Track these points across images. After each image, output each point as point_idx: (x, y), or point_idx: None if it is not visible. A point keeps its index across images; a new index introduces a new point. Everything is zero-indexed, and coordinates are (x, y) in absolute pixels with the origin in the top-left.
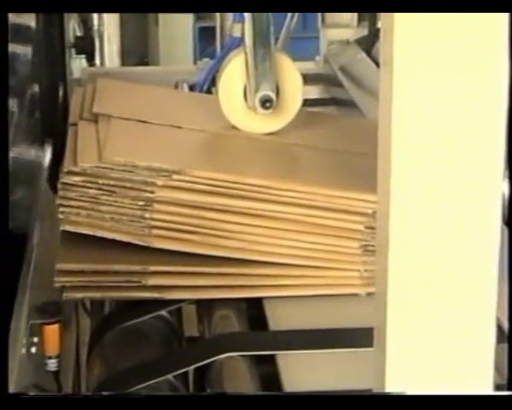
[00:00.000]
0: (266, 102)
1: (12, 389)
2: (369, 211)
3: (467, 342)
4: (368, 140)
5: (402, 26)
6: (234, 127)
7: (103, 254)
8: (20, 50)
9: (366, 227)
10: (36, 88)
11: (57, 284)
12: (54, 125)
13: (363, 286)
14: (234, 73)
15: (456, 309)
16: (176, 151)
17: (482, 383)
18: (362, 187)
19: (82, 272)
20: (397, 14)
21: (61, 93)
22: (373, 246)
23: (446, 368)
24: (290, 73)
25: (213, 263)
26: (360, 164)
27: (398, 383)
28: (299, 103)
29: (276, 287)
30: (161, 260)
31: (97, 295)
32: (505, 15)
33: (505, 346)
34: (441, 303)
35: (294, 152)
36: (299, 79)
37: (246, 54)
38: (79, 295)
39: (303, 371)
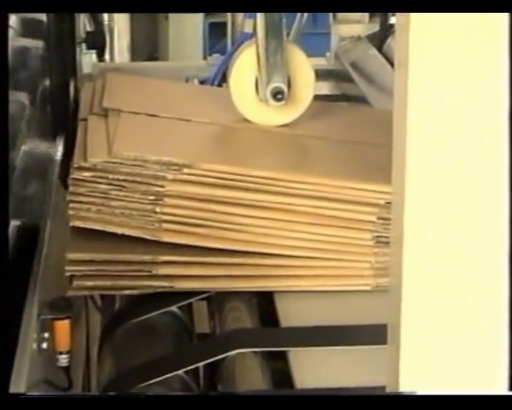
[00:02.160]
0: (278, 94)
1: (23, 384)
2: (381, 202)
3: (481, 339)
4: (379, 130)
5: (417, 28)
6: (245, 120)
7: (113, 245)
8: (32, 45)
9: (378, 218)
10: (47, 83)
11: (67, 274)
12: (65, 121)
13: (375, 277)
14: (245, 64)
15: (472, 303)
16: (186, 145)
17: (497, 381)
18: (373, 178)
19: (92, 262)
20: (412, 16)
21: (71, 88)
22: (385, 237)
23: (461, 366)
24: (302, 65)
25: (224, 254)
26: (371, 154)
27: (411, 380)
28: (310, 95)
29: (286, 277)
30: (172, 251)
31: (107, 283)
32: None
33: None
34: (457, 298)
35: (306, 144)
36: (311, 71)
37: (257, 46)
38: (89, 283)
39: (314, 368)
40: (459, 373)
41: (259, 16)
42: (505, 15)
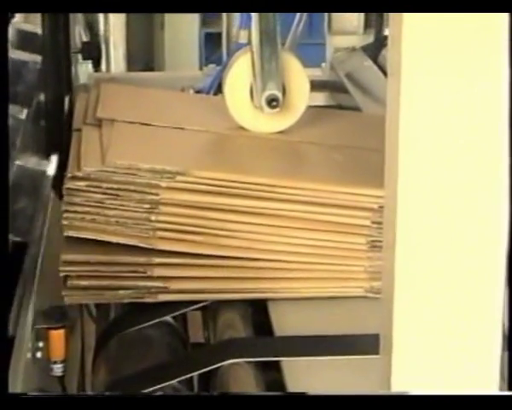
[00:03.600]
0: (272, 102)
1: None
2: (375, 206)
3: (475, 346)
4: (372, 135)
5: (409, 36)
6: (240, 127)
7: (108, 248)
8: (28, 57)
9: (372, 222)
10: (42, 94)
11: (62, 274)
12: (59, 132)
13: (368, 281)
14: (240, 72)
15: (465, 307)
16: (180, 153)
17: (489, 388)
18: (367, 182)
19: (87, 263)
20: (404, 24)
21: (66, 99)
22: (380, 241)
23: (454, 373)
24: (296, 72)
25: (218, 257)
26: (365, 159)
27: (403, 389)
28: (305, 102)
29: (280, 279)
30: (166, 254)
31: (102, 283)
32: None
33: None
34: (450, 303)
35: (300, 150)
36: (306, 78)
37: (252, 53)
38: (84, 282)
39: (308, 378)
40: (452, 381)
41: (254, 23)
42: (505, 15)
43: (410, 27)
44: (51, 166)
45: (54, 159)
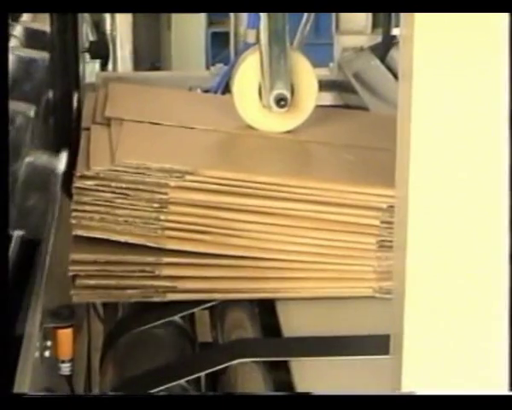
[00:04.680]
0: (281, 101)
1: (26, 392)
2: (383, 205)
3: (483, 345)
4: (380, 134)
5: (421, 37)
6: (248, 126)
7: (116, 247)
8: (36, 56)
9: (382, 222)
10: (50, 93)
11: (70, 273)
12: (68, 131)
13: (377, 281)
14: (249, 71)
15: (475, 305)
16: (189, 152)
17: (498, 389)
18: (375, 181)
19: (95, 262)
20: (416, 24)
21: (75, 98)
22: (389, 241)
23: (463, 373)
24: (305, 71)
25: (227, 257)
26: (373, 158)
27: (414, 389)
28: (313, 102)
29: (289, 279)
30: (175, 253)
31: (110, 282)
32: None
33: None
34: (460, 303)
35: (309, 149)
36: (314, 78)
37: (261, 52)
38: (92, 282)
39: (316, 378)
40: (462, 381)
41: (263, 22)
42: (505, 15)
43: (421, 28)
44: (60, 165)
45: (63, 158)
